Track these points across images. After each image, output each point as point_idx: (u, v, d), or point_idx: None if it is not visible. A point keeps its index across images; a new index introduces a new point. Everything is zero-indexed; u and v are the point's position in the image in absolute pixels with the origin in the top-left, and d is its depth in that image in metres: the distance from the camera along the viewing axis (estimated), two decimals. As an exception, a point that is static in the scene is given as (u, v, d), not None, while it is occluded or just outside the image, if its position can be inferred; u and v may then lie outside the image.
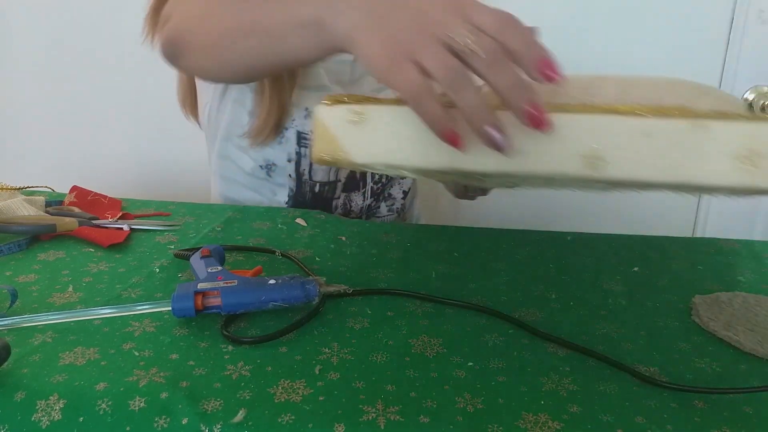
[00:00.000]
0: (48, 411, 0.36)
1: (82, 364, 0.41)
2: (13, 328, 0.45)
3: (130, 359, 0.41)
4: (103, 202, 0.77)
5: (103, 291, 0.53)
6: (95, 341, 0.44)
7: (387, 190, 0.92)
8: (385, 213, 0.94)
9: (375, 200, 0.91)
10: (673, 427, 0.37)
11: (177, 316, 0.46)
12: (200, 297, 0.46)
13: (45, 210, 0.72)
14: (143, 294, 0.52)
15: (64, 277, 0.55)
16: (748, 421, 0.38)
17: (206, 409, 0.36)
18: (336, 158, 0.44)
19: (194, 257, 0.54)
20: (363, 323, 0.48)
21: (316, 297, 0.49)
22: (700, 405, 0.39)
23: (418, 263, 0.61)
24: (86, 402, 0.37)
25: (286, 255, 0.62)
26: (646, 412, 0.38)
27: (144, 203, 0.80)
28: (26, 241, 0.63)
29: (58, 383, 0.38)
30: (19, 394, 0.37)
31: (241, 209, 0.79)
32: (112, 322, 0.46)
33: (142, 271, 0.57)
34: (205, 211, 0.77)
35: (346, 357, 0.43)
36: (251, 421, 0.35)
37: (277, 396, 0.38)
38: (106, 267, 0.58)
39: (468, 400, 0.38)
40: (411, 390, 0.39)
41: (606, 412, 0.38)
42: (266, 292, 0.47)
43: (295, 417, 0.36)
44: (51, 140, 1.35)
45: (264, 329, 0.46)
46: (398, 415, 0.36)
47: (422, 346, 0.45)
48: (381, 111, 0.43)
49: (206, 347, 0.43)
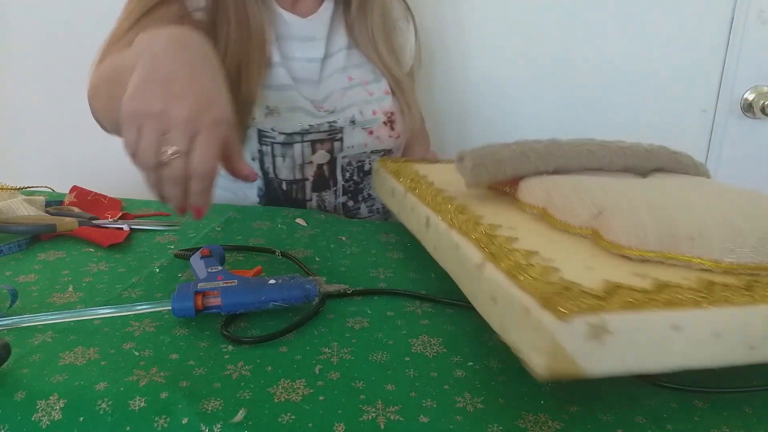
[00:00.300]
0: (48, 411, 0.36)
1: (82, 364, 0.41)
2: (13, 328, 0.45)
3: (130, 359, 0.41)
4: (103, 202, 0.77)
5: (103, 291, 0.53)
6: (95, 341, 0.44)
7: (366, 190, 0.93)
8: (366, 214, 0.94)
9: (351, 199, 0.92)
10: (673, 427, 0.37)
11: (177, 316, 0.46)
12: (200, 297, 0.46)
13: (45, 210, 0.72)
14: (143, 294, 0.52)
15: (64, 277, 0.55)
16: (748, 421, 0.38)
17: (206, 408, 0.36)
18: (572, 375, 0.35)
19: (194, 257, 0.54)
20: (363, 323, 0.48)
21: (316, 297, 0.49)
22: (700, 405, 0.39)
23: (418, 263, 0.61)
24: (86, 402, 0.37)
25: (286, 255, 0.62)
26: (646, 412, 0.38)
27: (144, 203, 0.80)
28: (26, 241, 0.63)
29: (58, 383, 0.38)
30: (19, 394, 0.37)
31: (241, 209, 0.79)
32: (112, 322, 0.46)
33: (142, 271, 0.57)
34: (205, 211, 0.77)
35: (346, 357, 0.43)
36: (251, 420, 0.35)
37: (277, 396, 0.38)
38: (106, 267, 0.58)
39: (468, 400, 0.38)
40: (411, 390, 0.39)
41: (606, 412, 0.38)
42: (266, 292, 0.47)
43: (295, 417, 0.36)
44: (51, 140, 1.35)
45: (264, 329, 0.46)
46: (398, 415, 0.36)
47: (422, 346, 0.45)
48: (621, 319, 0.34)
49: (206, 347, 0.43)
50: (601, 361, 0.34)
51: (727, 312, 0.36)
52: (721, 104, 1.18)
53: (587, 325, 0.33)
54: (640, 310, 0.35)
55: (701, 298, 0.36)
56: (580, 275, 0.39)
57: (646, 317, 0.35)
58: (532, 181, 0.55)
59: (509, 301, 0.38)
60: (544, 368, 0.34)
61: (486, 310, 0.42)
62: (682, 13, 1.16)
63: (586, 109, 1.23)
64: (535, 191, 0.54)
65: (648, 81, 1.20)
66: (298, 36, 0.88)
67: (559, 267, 0.40)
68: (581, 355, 0.34)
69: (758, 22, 1.14)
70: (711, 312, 0.36)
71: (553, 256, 0.43)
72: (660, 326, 0.35)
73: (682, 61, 1.18)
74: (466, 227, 0.49)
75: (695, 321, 0.35)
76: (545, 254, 0.43)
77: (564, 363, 0.34)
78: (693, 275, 0.41)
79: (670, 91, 1.20)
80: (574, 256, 0.44)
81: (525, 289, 0.37)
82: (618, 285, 0.37)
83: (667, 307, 0.35)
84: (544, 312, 0.34)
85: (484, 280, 0.42)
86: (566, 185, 0.52)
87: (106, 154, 1.33)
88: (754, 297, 0.37)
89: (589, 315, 0.33)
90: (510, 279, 0.39)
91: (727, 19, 1.15)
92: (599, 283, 0.37)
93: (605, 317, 0.34)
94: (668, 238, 0.43)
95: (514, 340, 0.37)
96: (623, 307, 0.35)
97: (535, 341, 0.35)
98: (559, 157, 0.57)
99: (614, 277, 0.39)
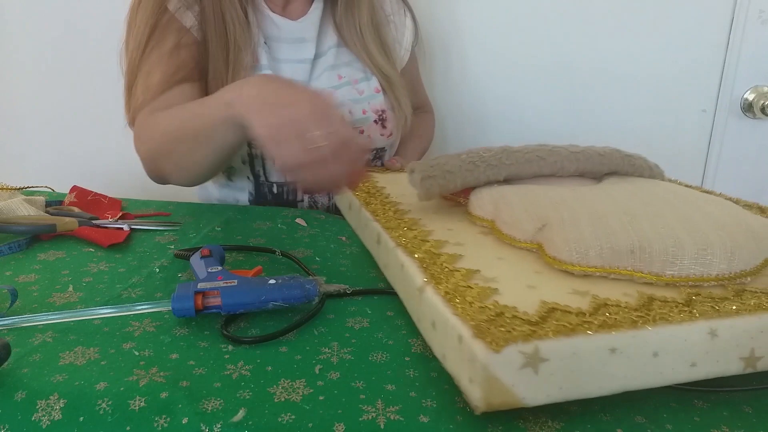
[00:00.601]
0: (48, 411, 0.36)
1: (82, 363, 0.41)
2: (13, 328, 0.45)
3: (130, 359, 0.41)
4: (103, 202, 0.77)
5: (103, 291, 0.53)
6: (95, 341, 0.44)
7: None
8: None
9: None
10: (673, 427, 0.37)
11: (177, 315, 0.46)
12: (200, 297, 0.46)
13: (45, 210, 0.72)
14: (143, 294, 0.52)
15: (64, 277, 0.55)
16: (748, 421, 0.38)
17: (206, 408, 0.36)
18: (510, 406, 0.34)
19: (194, 257, 0.54)
20: (363, 323, 0.48)
21: (316, 297, 0.49)
22: (700, 405, 0.39)
23: (418, 263, 0.61)
24: (86, 402, 0.37)
25: (286, 255, 0.62)
26: (646, 412, 0.38)
27: (144, 203, 0.80)
28: (26, 241, 0.63)
29: (58, 383, 0.38)
30: (20, 394, 0.37)
31: (241, 209, 0.79)
32: (112, 322, 0.46)
33: (142, 271, 0.57)
34: (205, 211, 0.77)
35: (346, 357, 0.43)
36: (251, 420, 0.35)
37: (277, 396, 0.38)
38: (106, 267, 0.58)
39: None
40: (411, 390, 0.39)
41: (606, 412, 0.38)
42: (266, 292, 0.47)
43: (295, 417, 0.36)
44: (51, 140, 1.35)
45: (264, 329, 0.46)
46: (398, 415, 0.36)
47: (422, 346, 0.45)
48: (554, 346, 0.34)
49: (206, 347, 0.43)
50: (539, 390, 0.33)
51: (665, 330, 0.35)
52: (721, 104, 1.18)
53: (520, 354, 0.32)
54: (575, 334, 0.34)
55: (638, 317, 0.36)
56: (520, 296, 0.38)
57: (582, 341, 0.34)
58: (482, 193, 0.55)
59: (446, 328, 0.37)
60: (481, 400, 0.33)
61: (428, 336, 0.41)
62: (682, 14, 1.16)
63: (585, 110, 1.23)
64: (484, 204, 0.54)
65: (648, 81, 1.20)
66: (288, 38, 0.88)
67: (500, 287, 0.40)
68: (517, 385, 0.33)
69: (758, 22, 1.14)
70: (649, 332, 0.35)
71: (496, 275, 0.42)
72: (596, 350, 0.34)
73: (682, 61, 1.18)
74: (412, 245, 0.48)
75: (633, 342, 0.35)
76: (487, 273, 0.42)
77: (500, 394, 0.33)
78: (634, 290, 0.40)
79: (670, 91, 1.20)
80: (517, 274, 0.43)
81: (459, 316, 0.36)
82: (554, 307, 0.36)
83: (603, 329, 0.34)
84: (475, 341, 0.33)
85: (425, 304, 0.41)
86: (513, 198, 0.52)
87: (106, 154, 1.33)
88: (693, 313, 0.37)
89: (522, 343, 0.32)
90: (447, 304, 0.38)
91: (727, 19, 1.15)
92: (537, 305, 0.36)
93: (538, 344, 0.33)
94: (609, 252, 0.42)
95: (452, 370, 0.36)
96: (558, 333, 0.33)
97: (470, 371, 0.33)
98: (509, 165, 0.56)
99: (554, 296, 0.38)
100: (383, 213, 0.58)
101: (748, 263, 0.42)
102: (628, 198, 0.51)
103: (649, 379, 0.36)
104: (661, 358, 0.35)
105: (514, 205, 0.51)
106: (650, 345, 0.35)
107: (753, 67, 1.15)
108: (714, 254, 0.41)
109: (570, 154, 0.58)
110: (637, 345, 0.35)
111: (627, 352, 0.35)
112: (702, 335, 0.36)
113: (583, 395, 0.35)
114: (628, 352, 0.35)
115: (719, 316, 0.37)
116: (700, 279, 0.41)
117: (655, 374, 0.36)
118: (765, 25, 1.14)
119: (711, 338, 0.36)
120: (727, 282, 0.42)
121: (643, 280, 0.42)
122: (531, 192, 0.53)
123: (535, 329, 0.34)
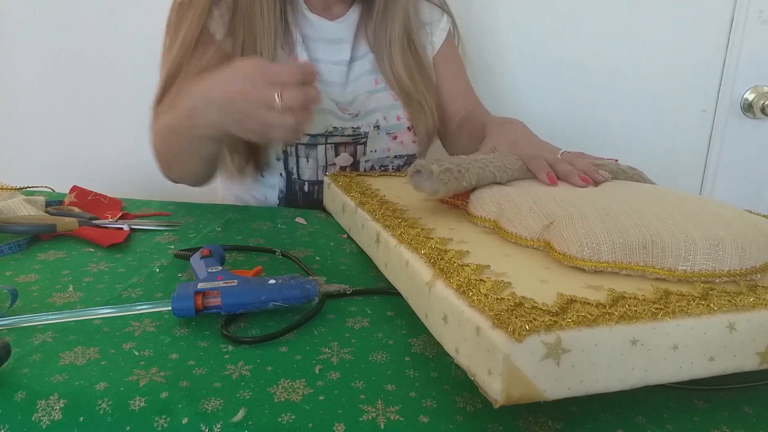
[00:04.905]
0: (48, 411, 0.36)
1: (82, 363, 0.41)
2: (13, 328, 0.45)
3: (130, 359, 0.41)
4: (103, 202, 0.77)
5: (103, 291, 0.53)
6: (95, 341, 0.44)
7: None
8: None
9: None
10: (673, 426, 0.37)
11: (177, 315, 0.46)
12: (200, 297, 0.46)
13: (45, 210, 0.72)
14: (143, 294, 0.52)
15: (64, 277, 0.55)
16: (748, 421, 0.38)
17: (206, 408, 0.36)
18: (530, 399, 0.33)
19: (194, 257, 0.54)
20: (363, 323, 0.48)
21: (316, 297, 0.49)
22: (700, 405, 0.39)
23: (418, 263, 0.61)
24: (86, 402, 0.37)
25: (286, 255, 0.62)
26: (646, 412, 0.38)
27: (144, 203, 0.80)
28: (26, 241, 0.63)
29: (58, 383, 0.38)
30: (20, 394, 0.37)
31: (241, 209, 0.79)
32: (112, 322, 0.46)
33: (142, 271, 0.57)
34: (205, 211, 0.77)
35: (346, 357, 0.43)
36: (251, 420, 0.35)
37: (277, 396, 0.38)
38: (106, 267, 0.58)
39: (468, 400, 0.38)
40: (411, 390, 0.39)
41: (606, 412, 0.38)
42: (266, 292, 0.47)
43: (295, 417, 0.36)
44: (51, 140, 1.35)
45: (264, 329, 0.46)
46: (398, 415, 0.36)
47: (422, 346, 0.45)
48: (576, 336, 0.33)
49: (206, 347, 0.43)
50: (560, 382, 0.33)
51: (685, 323, 0.35)
52: (721, 104, 1.18)
53: (542, 344, 0.32)
54: (597, 325, 0.33)
55: (658, 309, 0.35)
56: (534, 289, 0.38)
57: (604, 332, 0.33)
58: (483, 193, 0.55)
59: (460, 321, 0.37)
60: (500, 392, 0.32)
61: (438, 331, 0.41)
62: (683, 14, 1.16)
63: (586, 110, 1.23)
64: (486, 204, 0.54)
65: (648, 81, 1.20)
66: (324, 38, 0.89)
67: (512, 281, 0.39)
68: (538, 377, 0.32)
69: (758, 22, 1.14)
70: (669, 324, 0.35)
71: (506, 270, 0.42)
72: (618, 341, 0.34)
73: (683, 61, 1.18)
74: (416, 242, 0.48)
75: (654, 334, 0.34)
76: (497, 268, 0.42)
77: (521, 386, 0.32)
78: (648, 285, 0.40)
79: (670, 92, 1.20)
80: (527, 270, 0.42)
81: (475, 307, 0.35)
82: (572, 299, 0.36)
83: (624, 321, 0.34)
84: (495, 331, 0.32)
85: (435, 298, 0.41)
86: (517, 197, 0.52)
87: (106, 154, 1.33)
88: (711, 306, 0.37)
89: (544, 333, 0.32)
90: (460, 296, 0.38)
91: (727, 20, 1.15)
92: (553, 298, 0.36)
93: (560, 335, 0.32)
94: (621, 247, 0.42)
95: (467, 364, 0.36)
96: (579, 323, 0.33)
97: (489, 363, 0.33)
98: (510, 169, 0.57)
99: (568, 291, 0.37)
100: (381, 213, 0.58)
101: (758, 259, 0.42)
102: (632, 197, 0.51)
103: (668, 373, 0.36)
104: (680, 352, 0.35)
105: (518, 203, 0.51)
106: (670, 337, 0.35)
107: (753, 67, 1.15)
108: (726, 249, 0.41)
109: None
110: (658, 337, 0.35)
111: (648, 344, 0.34)
112: (721, 328, 0.36)
113: (603, 389, 0.34)
114: (649, 345, 0.34)
115: (737, 309, 0.37)
116: (713, 274, 0.41)
117: (675, 368, 0.36)
118: (765, 25, 1.14)
119: (729, 332, 0.36)
120: (739, 278, 0.42)
121: (655, 276, 0.42)
122: (534, 191, 0.53)
123: (556, 319, 0.33)
